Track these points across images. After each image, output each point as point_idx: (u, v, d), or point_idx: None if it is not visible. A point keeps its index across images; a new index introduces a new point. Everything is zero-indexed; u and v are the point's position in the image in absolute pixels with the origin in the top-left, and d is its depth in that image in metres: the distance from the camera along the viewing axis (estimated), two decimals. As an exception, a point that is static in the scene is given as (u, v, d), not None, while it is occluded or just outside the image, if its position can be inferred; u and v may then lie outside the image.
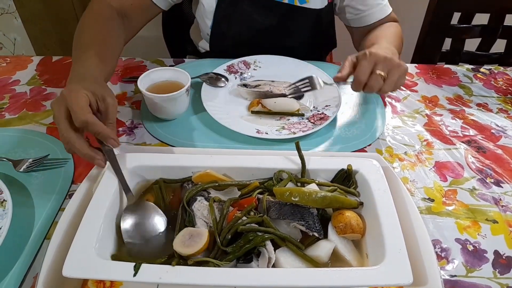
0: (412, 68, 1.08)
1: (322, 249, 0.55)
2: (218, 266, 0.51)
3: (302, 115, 0.86)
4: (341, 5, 1.07)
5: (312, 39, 1.09)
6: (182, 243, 0.53)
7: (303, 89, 0.88)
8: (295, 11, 1.02)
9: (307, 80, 0.88)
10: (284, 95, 0.88)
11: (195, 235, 0.54)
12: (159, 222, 0.58)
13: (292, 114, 0.86)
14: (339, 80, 0.80)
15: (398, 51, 0.91)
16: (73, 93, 0.62)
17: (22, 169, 0.71)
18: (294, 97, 0.89)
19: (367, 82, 0.77)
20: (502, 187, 0.73)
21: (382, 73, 0.76)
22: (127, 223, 0.57)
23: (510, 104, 0.96)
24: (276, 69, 0.99)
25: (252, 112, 0.86)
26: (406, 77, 0.92)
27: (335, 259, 0.56)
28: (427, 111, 0.92)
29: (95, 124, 0.60)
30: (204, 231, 0.54)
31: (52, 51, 1.90)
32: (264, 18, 1.02)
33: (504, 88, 1.02)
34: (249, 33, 1.03)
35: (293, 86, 0.89)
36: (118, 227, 0.58)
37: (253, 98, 0.90)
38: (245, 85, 0.91)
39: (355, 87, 0.79)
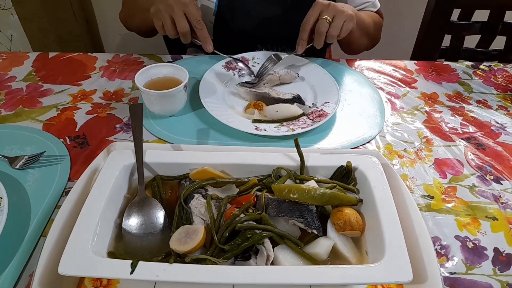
0: (411, 64, 1.08)
1: (321, 246, 0.54)
2: (216, 264, 0.50)
3: (303, 114, 0.85)
4: None
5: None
6: (178, 241, 0.52)
7: (269, 65, 0.93)
8: (299, 2, 1.01)
9: (272, 58, 0.94)
10: (281, 100, 0.86)
11: (191, 232, 0.53)
12: (161, 220, 0.58)
13: (293, 118, 0.83)
14: (302, 49, 0.90)
15: (363, 20, 1.00)
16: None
17: (18, 166, 0.70)
18: (294, 99, 0.88)
19: (315, 27, 0.87)
20: (502, 184, 0.73)
21: (328, 17, 0.85)
22: (131, 216, 0.57)
23: (509, 101, 0.96)
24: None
25: (254, 120, 0.82)
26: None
27: (334, 257, 0.55)
28: (427, 108, 0.92)
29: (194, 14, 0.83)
30: (200, 227, 0.54)
31: (50, 49, 1.88)
32: (267, 9, 1.02)
33: (504, 85, 1.02)
34: (253, 23, 1.03)
35: (261, 68, 0.94)
36: (115, 224, 0.57)
37: (250, 98, 0.88)
38: (246, 82, 0.90)
39: (301, 32, 0.88)
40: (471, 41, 1.34)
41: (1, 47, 1.96)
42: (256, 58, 0.99)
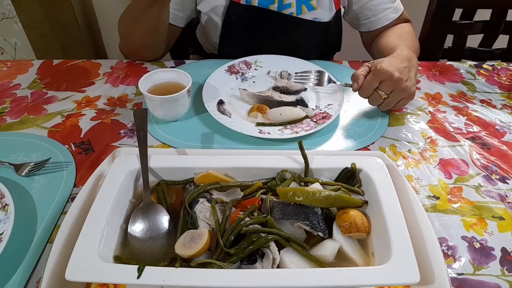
0: (414, 65, 1.07)
1: (327, 249, 0.54)
2: (222, 267, 0.50)
3: (307, 117, 0.85)
4: (348, 11, 1.08)
5: (320, 49, 1.11)
6: (183, 245, 0.52)
7: (307, 82, 0.91)
8: (304, 24, 1.02)
9: (317, 74, 0.91)
10: (284, 103, 0.86)
11: (196, 236, 0.53)
12: (166, 225, 0.58)
13: (297, 121, 0.83)
14: (355, 91, 0.84)
15: (414, 52, 0.93)
16: None
17: (24, 173, 0.70)
18: (297, 101, 0.88)
19: (369, 97, 0.83)
20: (508, 184, 0.72)
21: (383, 95, 0.80)
22: (137, 222, 0.58)
23: (514, 100, 0.95)
24: (277, 69, 0.98)
25: (258, 124, 0.82)
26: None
27: (341, 259, 0.55)
28: (431, 108, 0.91)
29: None
30: (204, 231, 0.54)
31: (53, 56, 1.90)
32: (272, 30, 1.02)
33: (508, 84, 1.02)
34: (257, 43, 1.04)
35: (300, 75, 0.92)
36: (121, 229, 0.57)
37: (254, 101, 0.89)
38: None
39: (361, 96, 0.84)
40: (473, 40, 1.33)
41: (6, 55, 1.98)
42: (259, 61, 1.00)
